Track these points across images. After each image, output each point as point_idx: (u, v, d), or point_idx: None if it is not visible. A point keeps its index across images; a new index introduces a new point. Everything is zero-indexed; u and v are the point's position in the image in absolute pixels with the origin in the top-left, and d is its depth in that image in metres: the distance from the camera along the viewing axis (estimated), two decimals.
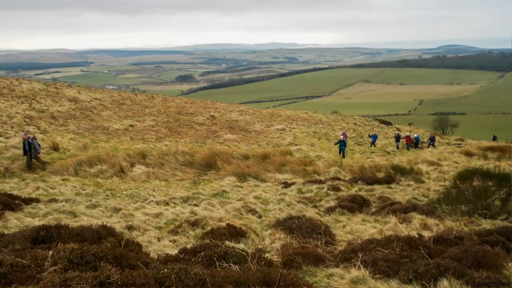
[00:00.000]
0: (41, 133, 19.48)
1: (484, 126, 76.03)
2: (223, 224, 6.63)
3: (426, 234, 5.80)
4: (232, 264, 3.94)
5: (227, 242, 5.44)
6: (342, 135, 21.57)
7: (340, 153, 19.87)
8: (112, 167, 13.52)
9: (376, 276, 4.00)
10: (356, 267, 4.16)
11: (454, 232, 5.52)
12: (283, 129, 29.20)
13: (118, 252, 3.79)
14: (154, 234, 6.42)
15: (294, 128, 30.49)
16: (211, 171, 14.28)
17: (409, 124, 48.91)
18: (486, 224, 6.63)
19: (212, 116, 31.37)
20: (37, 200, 8.62)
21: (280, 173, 13.58)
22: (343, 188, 11.03)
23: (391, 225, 6.69)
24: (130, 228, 6.63)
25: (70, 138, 19.14)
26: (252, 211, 8.42)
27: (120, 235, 5.49)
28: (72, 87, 36.02)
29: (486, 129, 65.28)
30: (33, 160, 13.30)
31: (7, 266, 3.31)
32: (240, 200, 9.81)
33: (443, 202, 7.88)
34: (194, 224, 6.92)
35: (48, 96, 28.13)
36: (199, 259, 4.17)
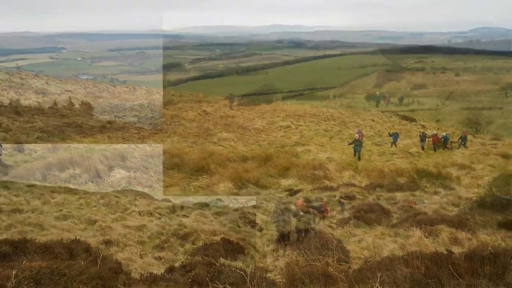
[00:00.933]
0: (2, 131, 19.49)
1: None
2: (217, 238, 6.65)
3: (456, 249, 5.82)
4: (228, 286, 3.94)
5: (222, 260, 5.45)
6: (357, 133, 21.60)
7: (355, 154, 19.89)
8: (87, 171, 13.54)
9: None
10: None
11: (489, 248, 5.52)
12: (288, 127, 29.24)
13: (93, 272, 3.79)
14: (136, 250, 6.44)
15: (301, 125, 30.52)
16: (203, 176, 14.31)
17: (437, 121, 48.90)
18: None
19: (204, 111, 31.40)
20: None
21: (284, 178, 13.62)
22: (358, 196, 11.05)
23: (415, 240, 6.70)
24: (107, 243, 6.64)
25: (37, 137, 19.16)
26: (252, 223, 8.44)
27: (96, 251, 5.50)
28: (39, 77, 36.06)
29: None
30: None
31: None
32: (237, 210, 9.82)
33: (476, 212, 7.89)
34: (183, 238, 6.94)
35: (11, 88, 28.14)
36: (189, 280, 4.17)
